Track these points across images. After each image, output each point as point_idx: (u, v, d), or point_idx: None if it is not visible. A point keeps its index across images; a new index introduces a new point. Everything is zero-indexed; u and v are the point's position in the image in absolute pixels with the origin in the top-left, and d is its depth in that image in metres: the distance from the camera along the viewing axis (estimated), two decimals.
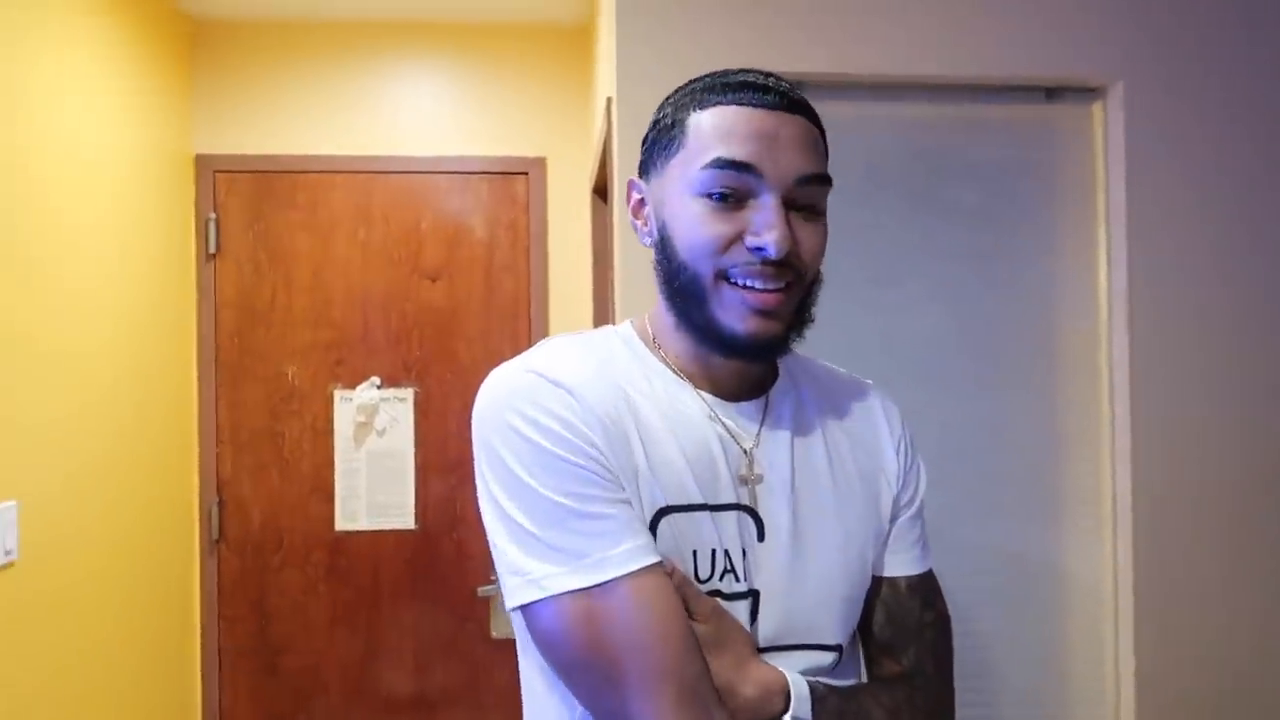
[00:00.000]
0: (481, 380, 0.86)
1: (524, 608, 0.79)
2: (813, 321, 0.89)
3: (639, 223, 0.93)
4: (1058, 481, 1.96)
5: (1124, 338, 1.91)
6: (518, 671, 0.93)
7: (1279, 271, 1.95)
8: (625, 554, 0.77)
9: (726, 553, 0.85)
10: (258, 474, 2.67)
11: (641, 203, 0.92)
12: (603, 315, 2.49)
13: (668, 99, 0.91)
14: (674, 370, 0.90)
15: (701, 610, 0.81)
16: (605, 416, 0.82)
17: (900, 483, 0.97)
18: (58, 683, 1.94)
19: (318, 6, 2.62)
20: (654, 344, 0.92)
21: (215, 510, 2.65)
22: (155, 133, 2.46)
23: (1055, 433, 1.96)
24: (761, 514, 0.88)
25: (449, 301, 2.73)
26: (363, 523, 2.67)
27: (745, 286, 0.83)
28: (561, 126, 2.76)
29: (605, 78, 2.08)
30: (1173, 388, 1.93)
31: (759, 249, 0.81)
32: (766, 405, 0.92)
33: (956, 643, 1.96)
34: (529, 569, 0.78)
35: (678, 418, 0.86)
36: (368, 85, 2.73)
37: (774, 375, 0.95)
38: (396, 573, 2.69)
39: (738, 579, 0.85)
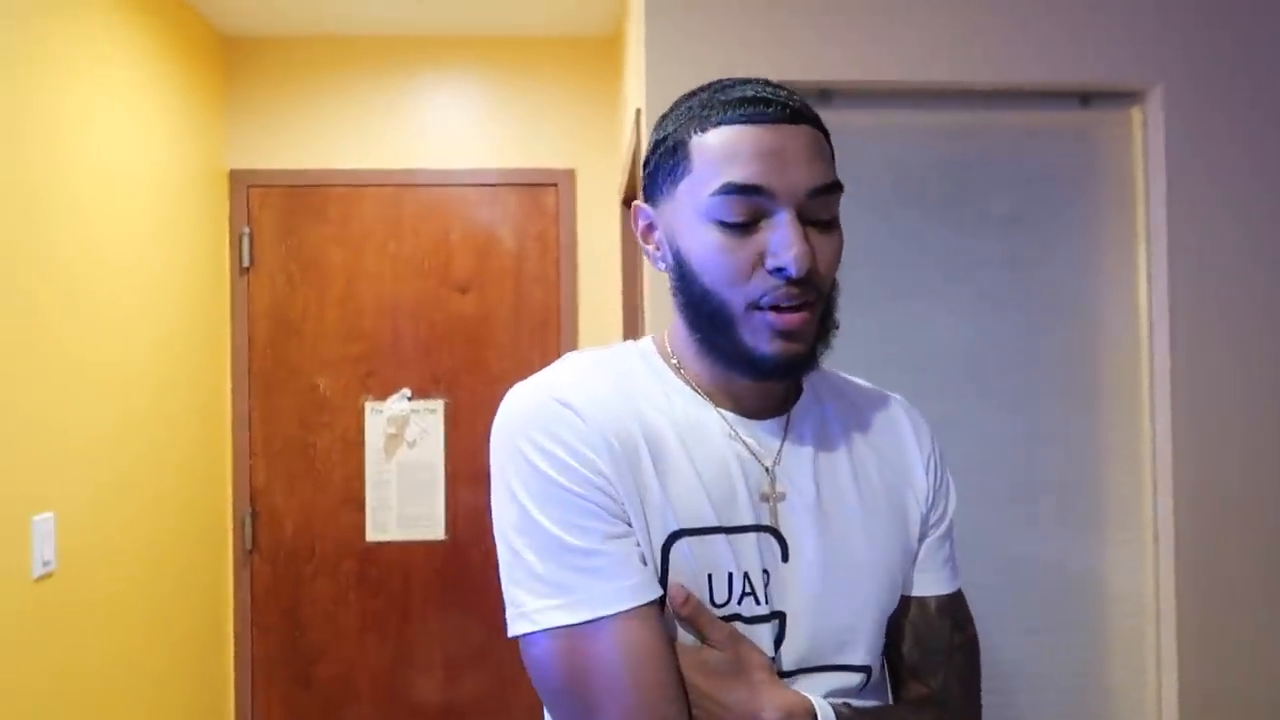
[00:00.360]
0: None
1: (519, 637, 0.80)
2: (838, 328, 0.88)
3: (650, 248, 0.91)
4: (1098, 493, 1.92)
5: (1165, 347, 1.87)
6: None
7: None
8: (615, 592, 0.77)
9: (746, 575, 0.83)
10: (290, 484, 2.69)
11: (650, 228, 0.90)
12: (632, 326, 2.49)
13: (665, 117, 0.89)
14: (693, 388, 0.89)
15: (717, 637, 0.80)
16: (617, 439, 0.81)
17: (930, 501, 0.95)
18: (94, 690, 1.96)
19: (348, 23, 2.65)
20: (673, 362, 0.91)
21: (249, 520, 2.68)
22: (190, 149, 2.49)
23: (1095, 443, 1.92)
24: (785, 533, 0.86)
25: (479, 313, 2.74)
26: (393, 533, 2.68)
27: (769, 309, 0.81)
28: (591, 138, 2.76)
29: (634, 89, 2.08)
30: (1214, 398, 1.89)
31: (780, 270, 0.80)
32: (789, 422, 0.90)
33: (998, 655, 1.95)
34: (523, 601, 0.79)
35: (695, 437, 0.85)
36: (397, 100, 2.75)
37: (797, 391, 0.93)
38: (426, 582, 2.70)
39: (758, 602, 0.83)
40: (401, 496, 2.68)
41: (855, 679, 0.88)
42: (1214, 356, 1.88)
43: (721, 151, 0.81)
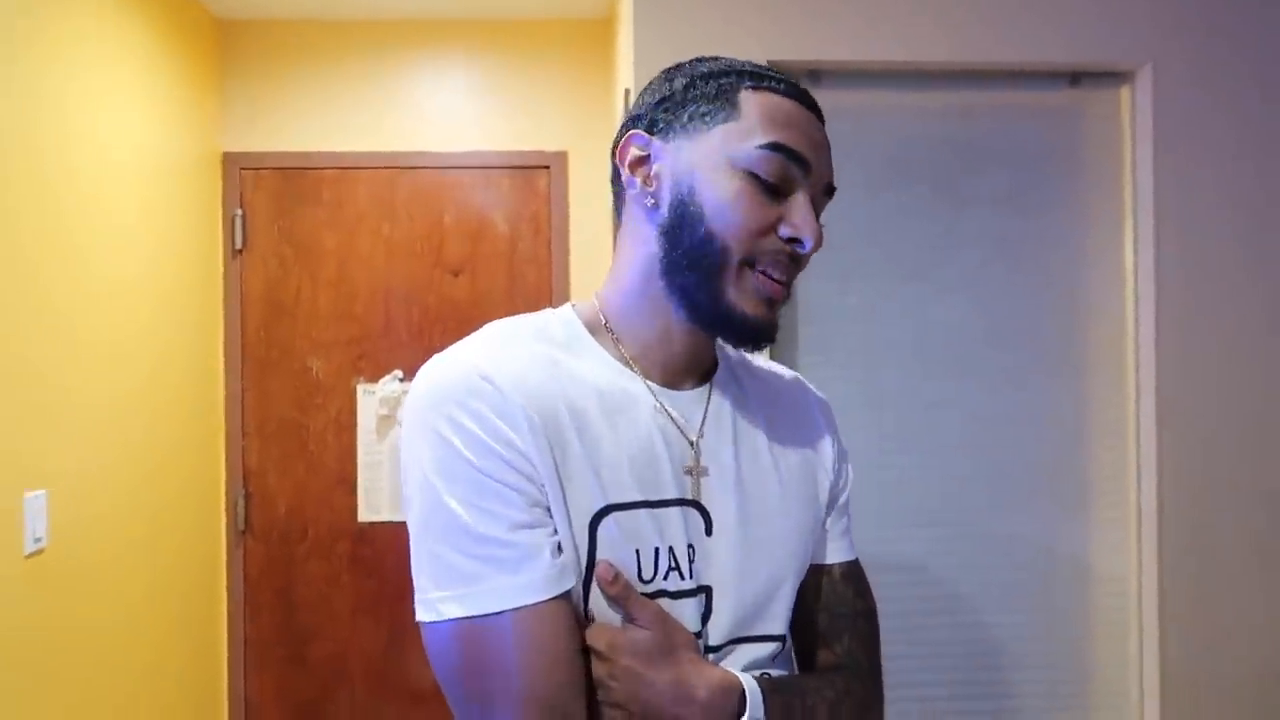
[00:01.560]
0: None
1: (421, 624, 0.79)
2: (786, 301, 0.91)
3: (637, 179, 0.87)
4: (1084, 472, 1.93)
5: (1150, 326, 1.88)
6: None
7: None
8: (518, 587, 0.75)
9: (671, 550, 0.83)
10: (283, 465, 2.70)
11: (644, 160, 0.86)
12: None
13: (691, 64, 0.88)
14: (618, 357, 0.87)
15: (644, 617, 0.80)
16: (539, 414, 0.79)
17: (835, 472, 0.97)
18: (85, 667, 1.97)
19: (342, 6, 2.64)
20: (604, 328, 0.88)
21: (241, 501, 2.69)
22: (184, 131, 2.50)
23: (1082, 423, 1.93)
24: (707, 507, 0.86)
25: (471, 295, 2.74)
26: (385, 514, 2.69)
27: (764, 274, 0.82)
28: (583, 121, 2.76)
29: (625, 70, 2.08)
30: (1199, 377, 1.90)
31: (795, 241, 0.82)
32: (710, 394, 0.91)
33: (983, 633, 1.96)
34: (425, 588, 0.78)
35: (620, 409, 0.84)
36: (390, 83, 2.75)
37: (714, 364, 0.94)
38: None
39: (683, 576, 0.83)
40: (394, 477, 2.69)
41: (770, 648, 0.89)
42: (1200, 336, 1.89)
43: (776, 113, 0.83)
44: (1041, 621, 1.92)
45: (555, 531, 0.78)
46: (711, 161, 0.83)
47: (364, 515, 2.69)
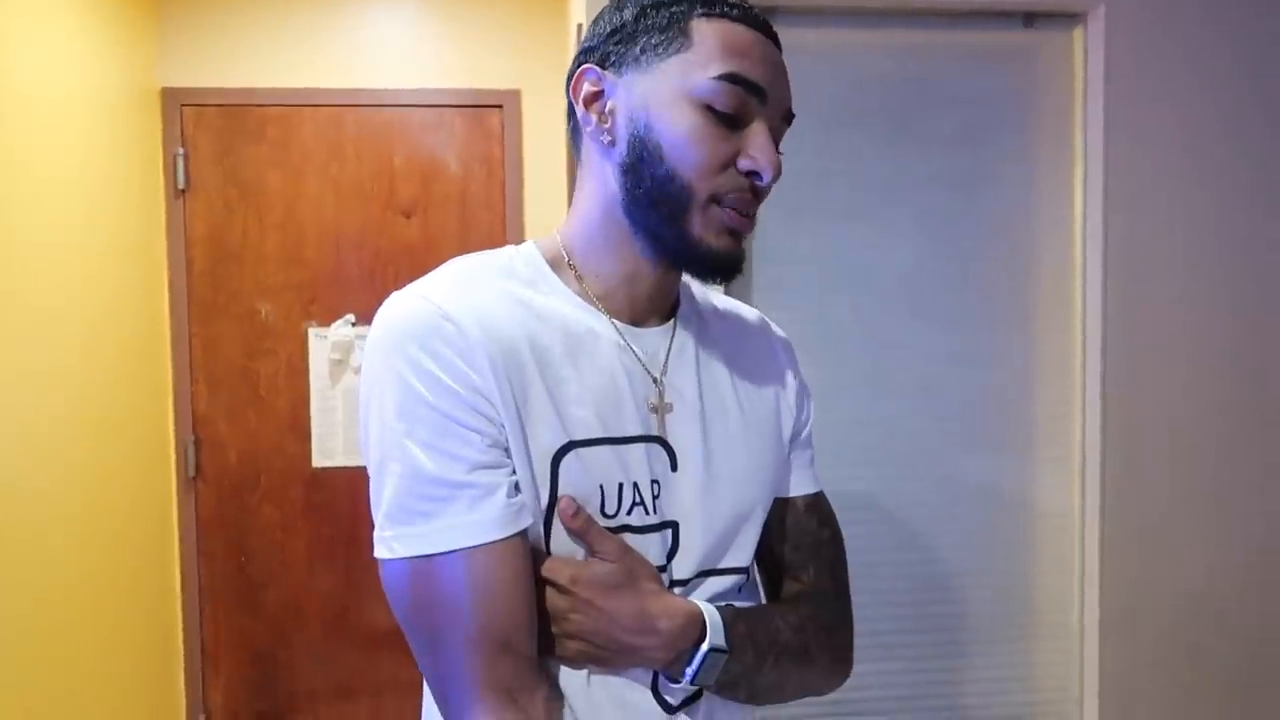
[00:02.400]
0: None
1: (379, 560, 0.79)
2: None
3: (592, 117, 0.85)
4: (1029, 412, 1.97)
5: (1097, 268, 1.90)
6: None
7: (1258, 200, 1.94)
8: (473, 525, 0.75)
9: (635, 485, 0.83)
10: (234, 412, 2.66)
11: (597, 95, 0.85)
12: None
13: None
14: (583, 295, 0.86)
15: (606, 548, 0.80)
16: (500, 351, 0.79)
17: (797, 408, 0.98)
18: (38, 620, 1.95)
19: None
20: (567, 265, 0.87)
21: (192, 448, 2.65)
22: (120, 65, 2.40)
23: (1028, 363, 1.96)
24: (673, 443, 0.87)
25: (424, 237, 2.70)
26: (340, 460, 2.67)
27: (728, 207, 0.82)
28: (536, 57, 2.70)
29: (577, 4, 2.03)
30: (1145, 318, 1.94)
31: (754, 174, 0.81)
32: (674, 332, 0.91)
33: (932, 569, 2.00)
34: (384, 525, 0.78)
35: (583, 346, 0.84)
36: (338, 15, 2.66)
37: (677, 300, 0.94)
38: None
39: (647, 511, 0.84)
40: (348, 422, 2.67)
41: (734, 580, 0.91)
42: (1146, 279, 1.92)
43: (730, 41, 0.80)
44: (986, 557, 1.97)
45: (514, 471, 0.78)
46: (666, 95, 0.81)
47: (318, 461, 2.67)
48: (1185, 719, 2.01)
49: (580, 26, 1.90)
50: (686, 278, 0.90)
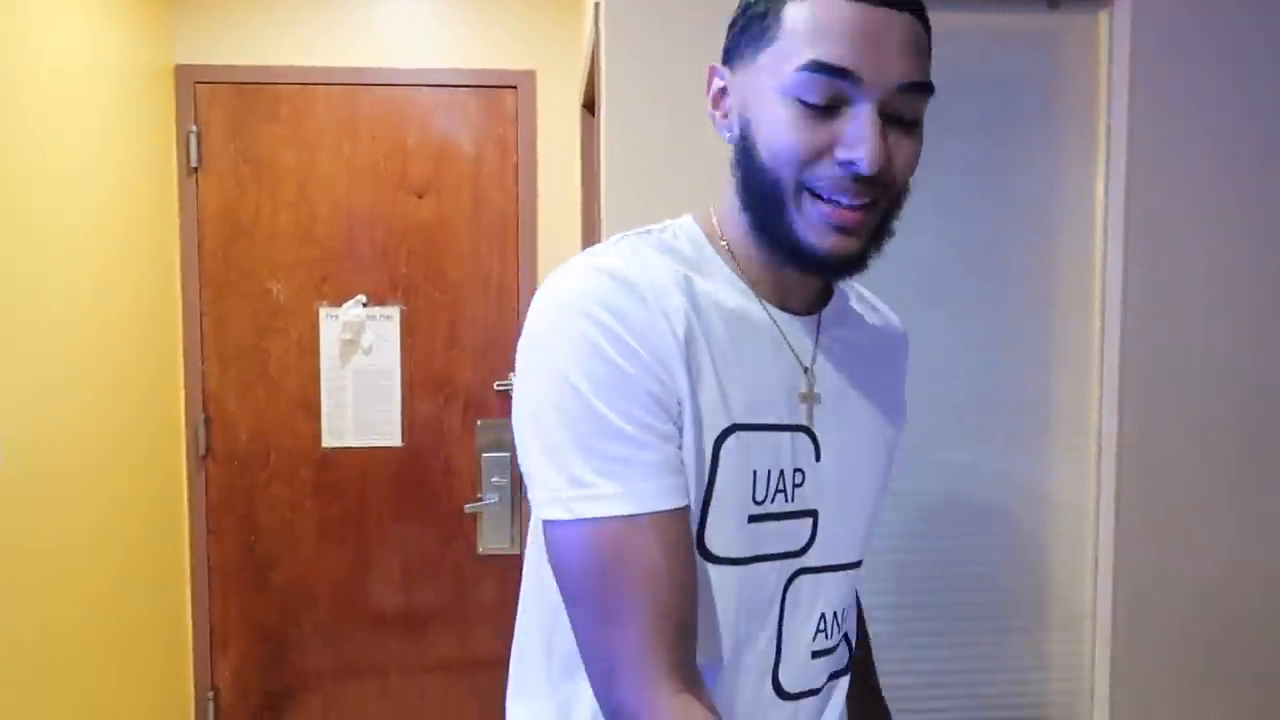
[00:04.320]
0: (469, 299, 0.83)
1: (547, 523, 0.76)
2: (893, 235, 0.86)
3: (718, 114, 0.85)
4: (1047, 401, 1.95)
5: (1118, 256, 1.88)
6: (507, 586, 0.92)
7: None
8: (661, 490, 0.74)
9: (782, 473, 0.83)
10: (244, 390, 2.66)
11: (723, 92, 0.84)
12: (590, 232, 2.45)
13: None
14: (740, 276, 0.85)
15: None
16: (679, 327, 0.77)
17: (902, 415, 1.00)
18: (45, 595, 1.95)
19: None
20: (722, 246, 0.86)
21: (202, 426, 2.65)
22: (134, 42, 2.38)
23: (1046, 353, 1.94)
24: (818, 434, 0.87)
25: (436, 218, 2.68)
26: (349, 440, 2.67)
27: (829, 200, 0.77)
28: (552, 38, 2.68)
29: None
30: (1166, 308, 1.91)
31: (849, 164, 0.75)
32: (820, 322, 0.90)
33: (944, 556, 1.99)
34: (558, 486, 0.74)
35: (745, 330, 0.83)
36: None
37: (829, 291, 0.93)
38: (383, 489, 2.69)
39: (788, 499, 0.84)
40: (357, 403, 2.66)
41: (856, 574, 0.94)
42: (1167, 268, 1.89)
43: (813, 25, 0.74)
44: (1001, 547, 1.96)
45: (681, 446, 0.77)
46: (761, 91, 0.78)
47: (327, 441, 2.67)
48: (1198, 715, 1.99)
49: (598, 6, 1.88)
50: None
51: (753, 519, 0.83)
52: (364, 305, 2.65)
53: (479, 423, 2.68)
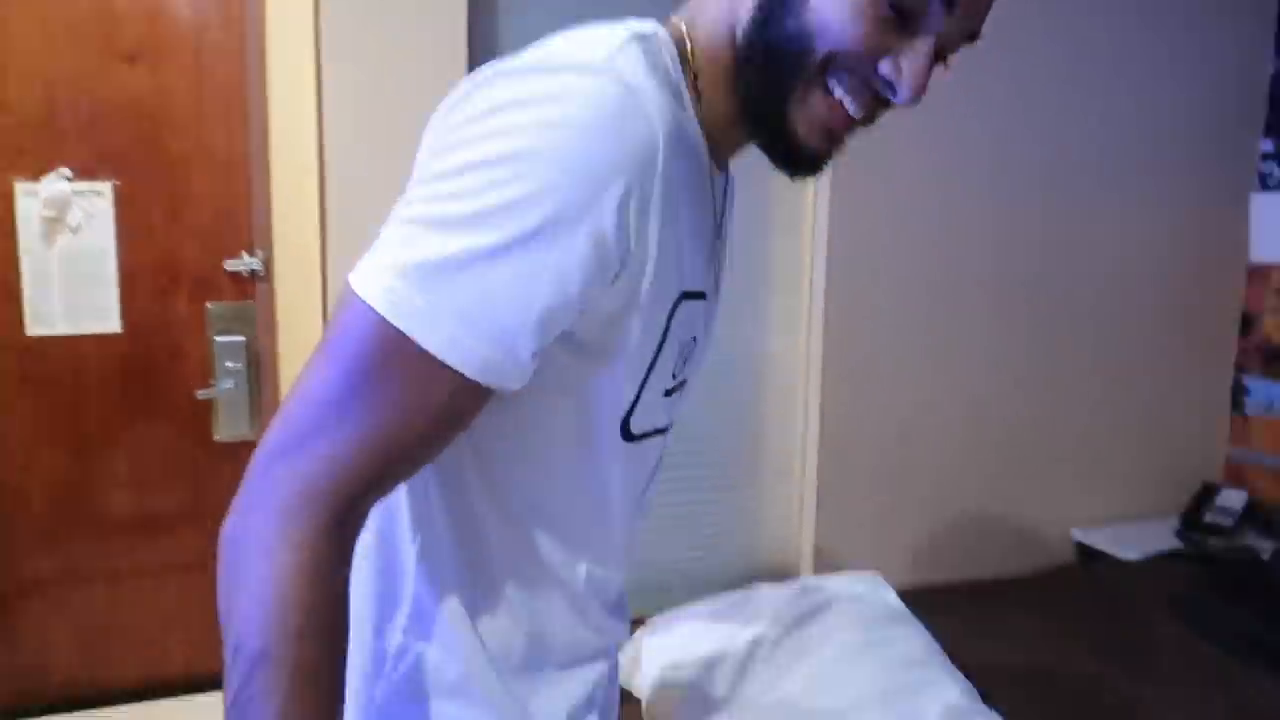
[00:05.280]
0: (194, 174, 0.70)
1: (350, 289, 0.63)
2: None
3: None
4: (765, 270, 2.10)
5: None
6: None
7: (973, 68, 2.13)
8: (486, 365, 0.63)
9: (693, 340, 0.78)
10: None
11: None
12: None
13: None
14: (700, 120, 0.74)
15: None
16: (672, 171, 0.66)
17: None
18: None
19: None
20: (693, 83, 0.73)
21: None
22: None
23: (765, 222, 2.09)
24: (709, 300, 0.84)
25: (152, 87, 2.46)
26: (60, 327, 2.44)
27: (840, 102, 0.70)
28: None
29: None
30: (867, 192, 2.10)
31: (889, 84, 0.68)
32: (727, 182, 0.84)
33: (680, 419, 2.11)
34: (401, 273, 0.61)
35: (696, 186, 0.74)
36: None
37: None
38: (104, 380, 2.50)
39: (683, 370, 0.80)
40: (67, 287, 2.44)
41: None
42: (870, 152, 2.08)
43: None
44: (718, 401, 2.11)
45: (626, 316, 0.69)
46: None
47: (33, 329, 2.43)
48: (889, 530, 2.27)
49: None
50: None
51: (668, 393, 0.78)
52: (69, 180, 2.41)
53: (209, 305, 2.53)
